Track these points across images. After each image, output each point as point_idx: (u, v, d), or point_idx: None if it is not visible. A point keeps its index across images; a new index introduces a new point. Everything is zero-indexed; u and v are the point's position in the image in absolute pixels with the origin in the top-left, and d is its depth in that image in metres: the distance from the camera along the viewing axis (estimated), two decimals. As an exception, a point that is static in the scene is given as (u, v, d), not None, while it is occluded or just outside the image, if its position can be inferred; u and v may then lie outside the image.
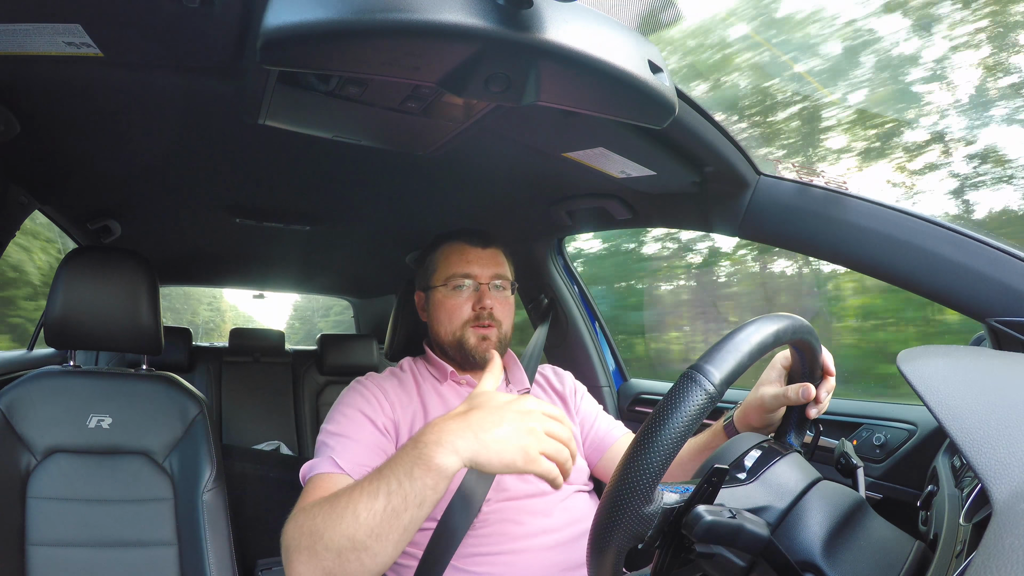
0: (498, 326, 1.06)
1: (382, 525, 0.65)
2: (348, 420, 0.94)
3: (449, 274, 1.07)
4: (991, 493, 0.38)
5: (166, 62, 0.76)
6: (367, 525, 0.65)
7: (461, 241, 1.10)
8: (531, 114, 0.85)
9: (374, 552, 0.65)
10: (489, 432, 0.65)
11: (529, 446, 0.65)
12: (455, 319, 1.06)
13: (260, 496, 1.76)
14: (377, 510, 0.65)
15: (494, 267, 1.08)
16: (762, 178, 1.03)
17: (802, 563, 0.54)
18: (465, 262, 1.07)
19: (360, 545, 0.65)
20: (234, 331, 2.91)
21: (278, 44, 0.52)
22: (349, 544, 0.66)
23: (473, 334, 1.05)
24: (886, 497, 0.99)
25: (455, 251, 1.09)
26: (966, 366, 0.57)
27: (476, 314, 1.05)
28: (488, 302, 1.05)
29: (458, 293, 1.06)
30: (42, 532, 1.10)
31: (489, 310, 1.04)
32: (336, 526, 0.67)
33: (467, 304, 1.06)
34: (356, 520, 0.65)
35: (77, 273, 1.19)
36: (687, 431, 0.50)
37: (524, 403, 0.69)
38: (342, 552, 0.66)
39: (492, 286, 1.07)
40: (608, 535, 0.50)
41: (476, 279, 1.06)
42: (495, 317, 1.05)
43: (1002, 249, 0.82)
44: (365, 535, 0.65)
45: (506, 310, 1.09)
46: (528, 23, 0.55)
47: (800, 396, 0.77)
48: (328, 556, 0.67)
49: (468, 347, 1.05)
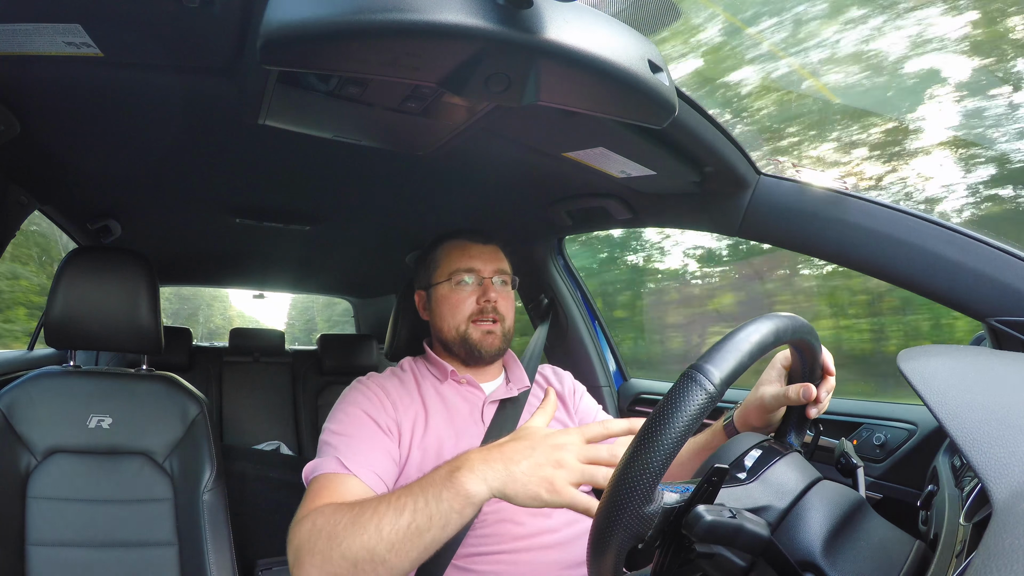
0: (502, 321, 1.07)
1: (404, 542, 0.66)
2: (351, 420, 0.94)
3: (452, 269, 1.08)
4: (991, 493, 0.38)
5: (166, 62, 0.76)
6: (388, 540, 0.66)
7: (462, 238, 1.11)
8: (531, 114, 0.85)
9: (391, 566, 0.66)
10: (519, 464, 0.66)
11: (556, 478, 0.65)
12: (458, 314, 1.06)
13: (260, 496, 1.76)
14: (401, 527, 0.66)
15: (496, 262, 1.10)
16: (762, 178, 1.03)
17: (802, 563, 0.54)
18: (468, 257, 1.08)
19: (379, 559, 0.66)
20: (234, 331, 2.91)
21: (278, 44, 0.52)
22: (367, 556, 0.67)
23: (477, 329, 1.05)
24: (886, 497, 0.99)
25: (456, 247, 1.10)
26: (966, 366, 0.57)
27: (480, 308, 1.05)
28: (493, 295, 1.05)
29: (461, 288, 1.06)
30: (42, 532, 1.10)
31: (494, 303, 1.05)
32: (358, 537, 0.67)
33: (471, 298, 1.06)
34: (379, 533, 0.66)
35: (77, 273, 1.19)
36: (688, 431, 0.50)
37: (561, 436, 0.69)
38: (358, 563, 0.67)
39: (495, 281, 1.08)
40: (608, 535, 0.50)
41: (479, 273, 1.07)
42: (499, 311, 1.06)
43: (1002, 249, 0.82)
44: (385, 549, 0.66)
45: (509, 305, 1.09)
46: (528, 23, 0.54)
47: (800, 396, 0.77)
48: (343, 564, 0.68)
49: (472, 342, 1.05)
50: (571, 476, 0.65)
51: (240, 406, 2.66)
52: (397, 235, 1.83)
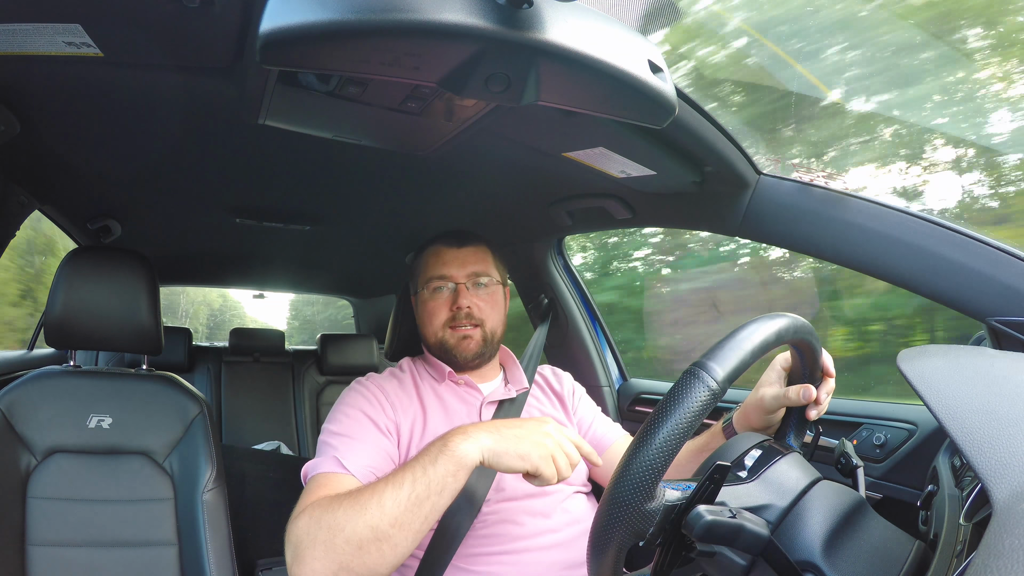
0: (481, 324, 1.05)
1: (406, 513, 0.69)
2: (351, 420, 0.94)
3: (427, 277, 1.07)
4: (991, 493, 0.38)
5: (166, 62, 0.76)
6: (392, 514, 0.69)
7: (438, 244, 1.10)
8: (531, 114, 0.85)
9: (395, 542, 0.69)
10: (511, 429, 0.75)
11: (543, 444, 0.73)
12: (435, 321, 1.06)
13: (260, 496, 1.76)
14: (402, 498, 0.70)
15: (472, 265, 1.07)
16: (762, 178, 1.03)
17: (802, 563, 0.54)
18: (441, 264, 1.07)
19: (383, 535, 0.69)
20: (234, 331, 2.91)
21: (278, 44, 0.52)
22: (372, 535, 0.69)
23: (453, 335, 1.04)
24: (886, 497, 0.99)
25: (432, 254, 1.09)
26: (966, 366, 0.57)
27: (452, 314, 1.05)
28: (464, 302, 1.04)
29: (437, 295, 1.06)
30: (42, 532, 1.10)
31: (466, 310, 1.04)
32: (360, 517, 0.70)
33: (445, 306, 1.05)
34: (382, 509, 0.69)
35: (77, 273, 1.19)
36: (690, 427, 0.50)
37: (549, 424, 0.78)
38: (363, 544, 0.69)
39: (473, 284, 1.06)
40: (610, 531, 0.50)
41: (452, 279, 1.06)
42: (474, 316, 1.05)
43: (1002, 249, 0.82)
44: (389, 524, 0.69)
45: (490, 307, 1.07)
46: (528, 23, 0.55)
47: (800, 397, 0.77)
48: (348, 549, 0.69)
49: (449, 347, 1.05)
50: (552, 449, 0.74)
51: (240, 406, 2.66)
52: (397, 235, 1.83)
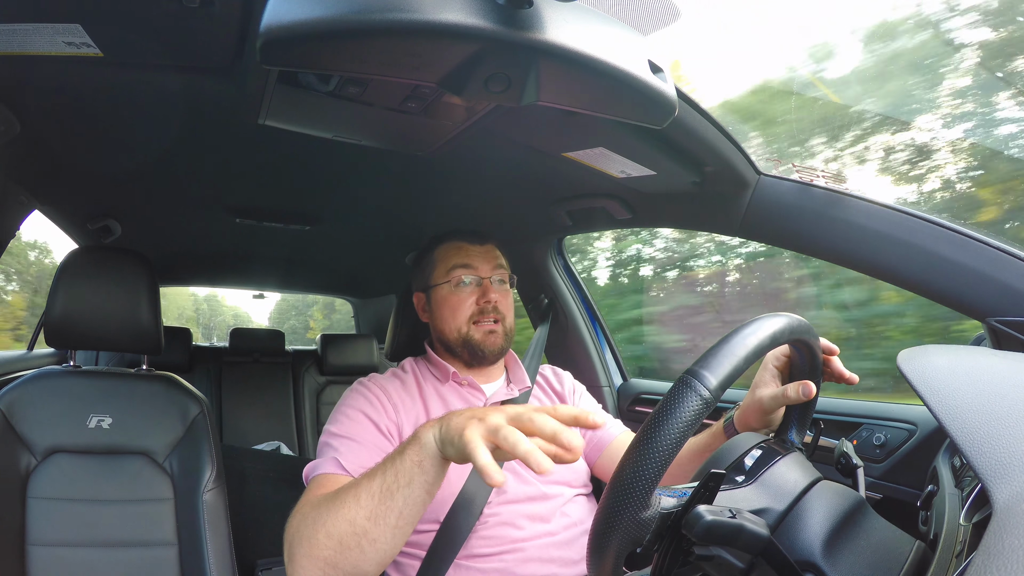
0: (503, 320, 1.07)
1: (379, 506, 0.68)
2: (351, 422, 0.94)
3: (451, 268, 1.07)
4: (991, 493, 0.38)
5: (166, 62, 0.76)
6: (366, 508, 0.69)
7: (458, 239, 1.11)
8: (531, 114, 0.85)
9: (373, 537, 0.68)
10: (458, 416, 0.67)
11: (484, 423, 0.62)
12: (459, 316, 1.06)
13: (260, 496, 1.76)
14: (374, 490, 0.70)
15: (493, 261, 1.09)
16: (762, 178, 1.03)
17: (802, 563, 0.54)
18: (466, 256, 1.08)
19: (360, 530, 0.69)
20: (234, 331, 2.91)
21: (278, 44, 0.52)
22: (349, 528, 0.69)
23: (478, 330, 1.05)
24: (886, 497, 0.99)
25: (453, 248, 1.10)
26: (966, 366, 0.57)
27: (480, 308, 1.05)
28: (493, 295, 1.05)
29: (461, 289, 1.06)
30: (42, 532, 1.09)
31: (494, 303, 1.05)
32: (338, 512, 0.70)
33: (470, 299, 1.06)
34: (356, 503, 0.70)
35: (77, 273, 1.19)
36: (683, 437, 0.49)
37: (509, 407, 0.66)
38: (343, 539, 0.69)
39: (493, 280, 1.08)
40: (606, 540, 0.51)
41: (478, 273, 1.07)
42: (499, 311, 1.06)
43: (1002, 249, 0.82)
44: (364, 518, 0.69)
45: (508, 304, 1.09)
46: (528, 23, 0.54)
47: (800, 394, 0.76)
48: (329, 544, 0.70)
49: (475, 343, 1.05)
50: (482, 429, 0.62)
51: (240, 406, 2.65)
52: (397, 235, 1.83)
